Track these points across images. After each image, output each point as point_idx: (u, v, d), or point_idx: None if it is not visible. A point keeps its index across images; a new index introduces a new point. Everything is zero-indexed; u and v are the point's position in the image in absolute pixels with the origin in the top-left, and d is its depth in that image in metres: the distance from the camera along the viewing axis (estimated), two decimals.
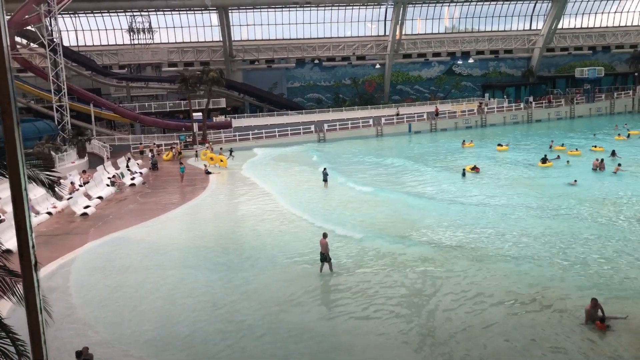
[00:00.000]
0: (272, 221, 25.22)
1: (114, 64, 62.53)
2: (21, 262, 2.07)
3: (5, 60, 1.95)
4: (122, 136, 54.36)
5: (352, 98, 70.32)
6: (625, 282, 16.68)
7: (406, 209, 26.44)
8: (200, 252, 21.21)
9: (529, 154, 40.76)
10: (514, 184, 31.59)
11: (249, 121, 58.44)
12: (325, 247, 18.09)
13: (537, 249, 19.88)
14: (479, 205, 26.60)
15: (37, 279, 2.09)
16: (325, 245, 18.10)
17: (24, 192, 1.91)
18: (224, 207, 29.10)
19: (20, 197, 2.00)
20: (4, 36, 1.94)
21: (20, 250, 2.08)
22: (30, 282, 2.09)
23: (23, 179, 1.94)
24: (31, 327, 2.14)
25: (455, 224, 23.41)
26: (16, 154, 1.99)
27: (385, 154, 45.04)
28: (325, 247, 18.08)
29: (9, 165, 1.97)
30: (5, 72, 1.97)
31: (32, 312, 2.11)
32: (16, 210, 2.04)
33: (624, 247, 19.79)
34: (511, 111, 62.65)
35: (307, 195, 30.59)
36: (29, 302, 2.10)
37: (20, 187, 1.91)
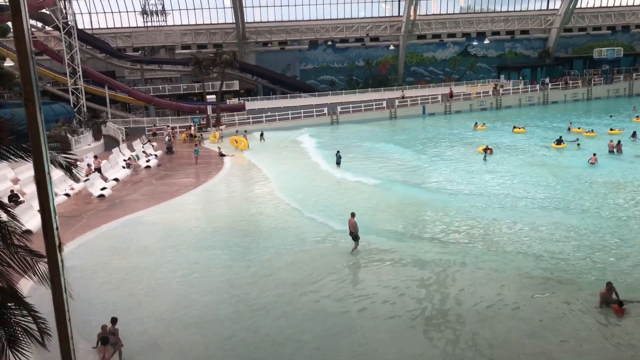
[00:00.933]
0: (286, 203, 25.41)
1: (128, 47, 62.67)
2: (46, 243, 2.15)
3: (27, 48, 2.01)
4: (137, 118, 54.72)
5: (365, 80, 69.80)
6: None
7: (419, 195, 26.39)
8: (216, 233, 21.44)
9: (546, 135, 40.21)
10: (528, 165, 31.36)
11: (262, 104, 58.42)
12: (354, 226, 18.43)
13: (551, 233, 19.79)
14: (495, 188, 26.48)
15: (61, 259, 2.18)
16: (354, 224, 18.42)
17: (48, 175, 1.98)
18: (238, 189, 29.29)
19: (43, 180, 2.07)
20: (25, 25, 1.99)
21: (44, 231, 2.15)
22: (54, 262, 2.18)
23: (46, 162, 2.00)
24: (56, 305, 2.23)
25: (469, 209, 23.34)
26: (39, 138, 2.06)
27: (398, 138, 44.83)
28: (354, 226, 18.43)
29: (32, 149, 2.04)
30: (27, 59, 2.03)
31: (57, 291, 2.20)
32: (40, 193, 2.11)
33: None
34: (527, 93, 61.88)
35: (319, 181, 30.68)
36: (53, 281, 2.19)
37: (43, 170, 1.97)
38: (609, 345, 12.34)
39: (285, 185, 28.92)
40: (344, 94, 63.21)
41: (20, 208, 21.41)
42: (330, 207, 24.31)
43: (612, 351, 12.12)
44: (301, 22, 66.63)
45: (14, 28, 2.06)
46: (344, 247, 19.07)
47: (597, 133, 39.45)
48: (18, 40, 2.05)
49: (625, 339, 12.57)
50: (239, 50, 62.68)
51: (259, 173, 32.97)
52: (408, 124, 51.81)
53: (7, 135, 7.95)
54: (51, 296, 2.37)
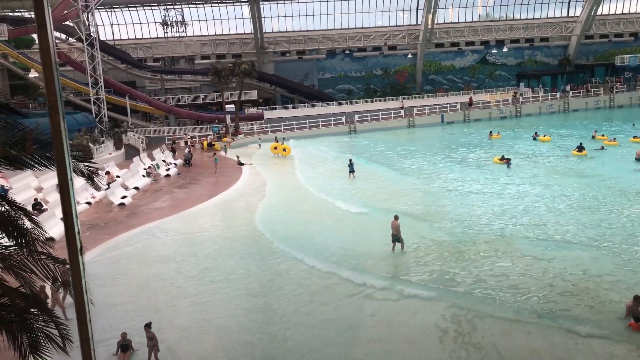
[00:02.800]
0: (303, 212, 25.47)
1: (148, 57, 63.71)
2: (68, 247, 2.22)
3: (51, 59, 2.10)
4: (157, 128, 55.43)
5: (383, 88, 69.79)
6: None
7: (443, 200, 26.25)
8: (234, 242, 21.56)
9: (571, 143, 39.49)
10: (551, 173, 30.99)
11: (281, 113, 58.75)
12: (397, 228, 18.86)
13: (578, 240, 19.50)
14: (518, 196, 26.22)
15: (83, 262, 2.25)
16: (397, 226, 18.85)
17: (70, 181, 2.05)
18: (255, 198, 29.42)
19: (66, 186, 2.15)
20: (50, 37, 2.08)
21: (67, 235, 2.23)
22: (76, 265, 2.25)
23: (69, 168, 2.08)
24: (78, 307, 2.30)
25: (494, 215, 23.14)
26: (62, 146, 2.14)
27: (415, 147, 44.67)
28: (397, 229, 18.85)
29: (56, 156, 2.12)
30: (52, 70, 2.11)
31: (79, 293, 2.27)
32: (63, 198, 2.19)
33: None
34: (547, 101, 61.20)
35: (339, 184, 30.71)
36: (75, 283, 2.26)
37: (66, 177, 2.05)
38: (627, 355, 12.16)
39: (302, 193, 29.03)
40: (362, 102, 63.27)
41: (43, 216, 21.83)
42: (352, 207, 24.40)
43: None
44: (319, 31, 67.04)
45: (40, 40, 2.15)
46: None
47: (620, 142, 38.81)
48: (43, 52, 2.14)
49: None
50: (258, 60, 63.25)
51: (273, 181, 33.13)
52: (426, 133, 51.60)
53: (32, 144, 8.15)
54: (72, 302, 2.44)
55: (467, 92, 66.57)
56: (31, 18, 52.79)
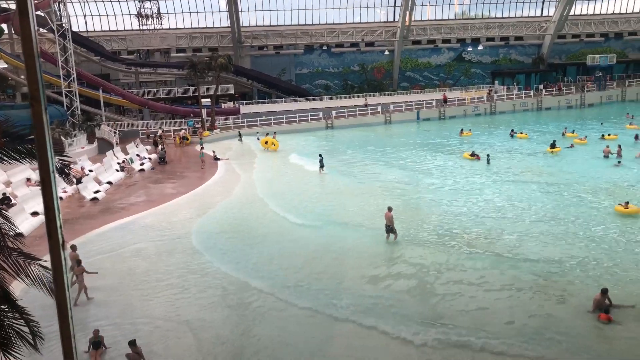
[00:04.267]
0: (279, 205, 25.45)
1: (123, 50, 62.62)
2: (50, 241, 2.16)
3: (33, 47, 2.04)
4: (131, 121, 54.59)
5: (360, 85, 70.01)
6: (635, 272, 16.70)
7: (420, 199, 26.48)
8: (210, 237, 21.40)
9: (545, 140, 40.20)
10: (524, 170, 31.59)
11: (258, 107, 58.48)
12: (390, 219, 19.35)
13: (544, 237, 19.90)
14: (489, 192, 26.61)
15: (65, 258, 2.19)
16: (390, 217, 19.35)
17: (52, 173, 1.99)
18: (231, 192, 29.24)
19: (48, 178, 2.09)
20: (32, 25, 2.02)
21: (48, 229, 2.17)
22: (58, 260, 2.19)
23: (51, 161, 2.02)
24: (59, 303, 2.24)
25: (464, 212, 23.44)
26: (44, 137, 2.08)
27: (389, 143, 44.98)
28: (391, 220, 19.35)
29: (37, 148, 2.05)
30: (34, 59, 2.05)
31: (60, 290, 2.21)
32: (45, 191, 2.13)
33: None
34: (521, 99, 62.24)
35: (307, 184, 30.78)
36: (56, 279, 2.21)
37: (48, 169, 1.99)
38: (598, 346, 12.52)
39: (271, 190, 28.99)
40: (339, 98, 63.34)
41: (12, 211, 21.29)
42: (319, 211, 24.42)
43: (601, 351, 12.27)
44: (297, 26, 66.80)
45: (22, 27, 2.08)
46: (339, 246, 19.14)
47: (589, 140, 39.81)
48: (25, 40, 2.07)
49: (614, 342, 12.75)
50: (235, 54, 62.72)
51: (250, 176, 32.99)
52: (402, 129, 51.97)
53: (1, 137, 7.93)
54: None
55: (443, 90, 67.25)
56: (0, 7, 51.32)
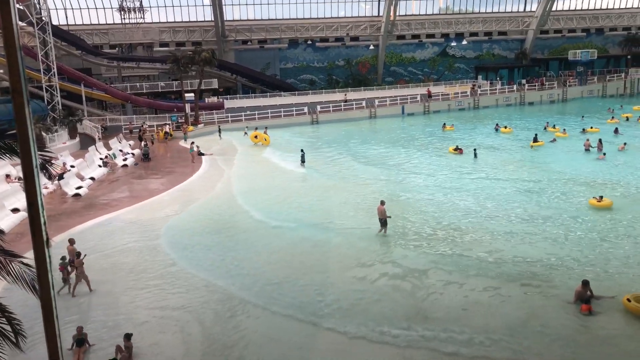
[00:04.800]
0: (264, 201, 25.38)
1: (105, 44, 61.74)
2: (33, 238, 2.10)
3: (14, 38, 1.97)
4: (114, 116, 53.95)
5: (345, 79, 69.99)
6: (616, 263, 16.95)
7: (404, 194, 26.57)
8: (194, 233, 21.25)
9: (529, 134, 40.59)
10: (508, 164, 31.94)
11: (242, 102, 58.13)
12: (383, 212, 19.59)
13: (525, 229, 20.11)
14: (473, 187, 26.81)
15: (49, 255, 2.13)
16: (383, 211, 19.59)
17: (36, 168, 1.93)
18: (217, 188, 29.08)
19: (31, 173, 2.02)
20: (13, 16, 1.95)
21: (32, 226, 2.11)
22: (42, 258, 2.13)
23: (34, 156, 1.96)
24: (43, 302, 2.18)
25: (448, 206, 23.59)
26: (27, 131, 2.01)
27: (374, 137, 45.07)
28: (383, 213, 19.58)
29: (20, 142, 1.99)
30: (15, 50, 1.98)
31: (44, 288, 2.15)
32: (28, 187, 2.07)
33: (620, 228, 20.09)
34: (504, 93, 62.74)
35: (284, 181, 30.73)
36: (41, 278, 2.14)
37: (31, 164, 1.93)
38: (580, 337, 12.73)
39: (251, 186, 28.91)
40: (324, 93, 63.23)
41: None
42: (297, 208, 24.43)
43: (584, 342, 12.48)
44: (281, 20, 66.47)
45: (2, 17, 2.01)
46: (320, 241, 19.15)
47: (570, 133, 40.43)
48: (6, 30, 2.00)
49: (595, 331, 13.00)
50: (218, 48, 62.26)
51: (235, 172, 32.86)
52: (387, 124, 52.08)
53: None
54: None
55: (427, 84, 67.51)
56: None
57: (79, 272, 16.07)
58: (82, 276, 16.11)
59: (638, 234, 19.46)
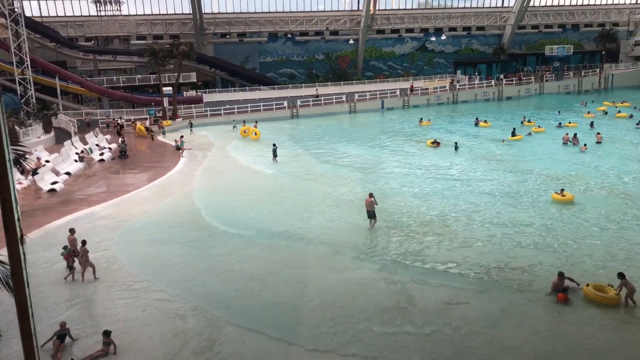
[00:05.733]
0: (245, 195, 25.25)
1: (80, 36, 60.53)
2: (6, 235, 2.03)
3: None
4: (90, 110, 53.03)
5: (325, 74, 69.88)
6: (587, 254, 17.30)
7: (383, 187, 26.69)
8: (173, 228, 21.03)
9: (508, 128, 41.08)
10: (485, 157, 32.31)
11: (221, 96, 57.65)
12: (371, 205, 19.74)
13: (502, 223, 20.37)
14: (451, 179, 27.07)
15: (24, 252, 2.07)
16: (371, 203, 19.75)
17: (9, 163, 1.87)
18: (196, 182, 28.81)
19: (4, 169, 1.96)
20: None
21: (5, 222, 2.04)
22: (16, 255, 2.07)
23: (7, 150, 1.89)
24: (18, 301, 2.12)
25: (424, 199, 23.77)
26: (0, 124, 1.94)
27: (353, 132, 45.17)
28: (371, 205, 19.73)
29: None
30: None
31: (19, 286, 2.09)
32: (1, 183, 2.00)
33: (596, 220, 20.49)
34: (482, 88, 63.33)
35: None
36: (15, 276, 2.08)
37: (4, 159, 1.86)
38: (559, 327, 12.98)
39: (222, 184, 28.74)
40: (304, 87, 63.05)
41: None
42: (268, 209, 24.37)
43: (562, 332, 12.71)
44: (260, 13, 66.04)
45: None
46: (300, 243, 19.13)
47: (546, 128, 41.10)
48: None
49: (571, 321, 13.26)
50: (197, 41, 61.58)
51: (215, 166, 32.60)
52: (367, 118, 52.21)
53: None
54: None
55: (407, 79, 67.79)
56: None
57: (85, 259, 16.38)
58: (88, 264, 16.41)
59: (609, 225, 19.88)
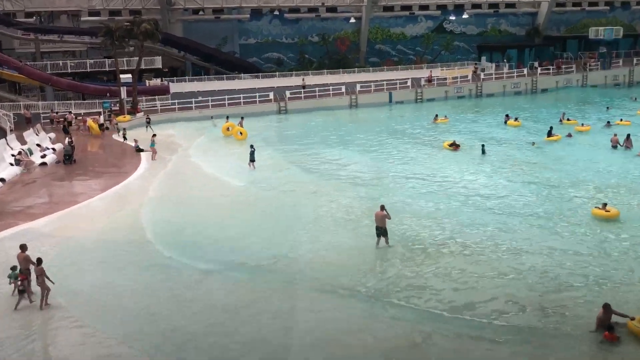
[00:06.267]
0: (218, 207, 25.25)
1: (19, 11, 60.61)
2: None
3: None
4: (30, 103, 52.82)
5: (320, 59, 70.07)
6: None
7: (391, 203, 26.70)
8: (130, 248, 20.91)
9: (543, 127, 41.14)
10: (515, 164, 32.34)
11: (192, 86, 57.74)
12: (382, 219, 19.73)
13: (543, 247, 20.29)
14: (473, 192, 27.07)
15: None
16: (382, 217, 19.73)
17: None
18: (158, 191, 28.72)
19: None
20: None
21: None
22: None
23: None
24: None
25: (440, 217, 23.72)
26: None
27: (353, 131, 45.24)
28: (382, 220, 19.73)
29: None
30: None
31: None
32: None
33: None
34: (512, 79, 63.63)
35: None
36: None
37: None
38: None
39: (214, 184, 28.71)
40: (294, 76, 63.05)
41: None
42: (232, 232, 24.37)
43: None
44: None
45: None
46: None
47: (593, 127, 41.17)
48: None
49: None
50: (163, 18, 61.74)
51: (179, 173, 32.65)
52: (370, 114, 52.26)
53: None
54: None
55: (420, 66, 68.05)
56: None
57: (41, 281, 16.24)
58: (45, 286, 16.33)
59: None
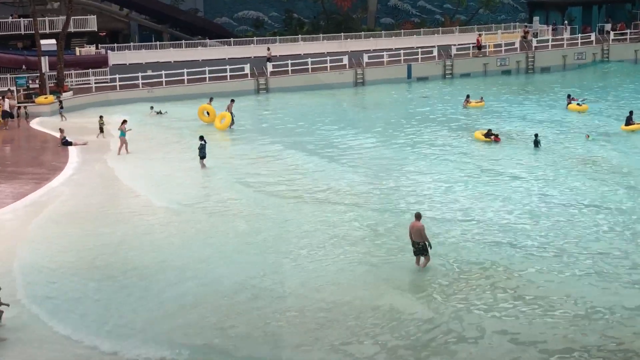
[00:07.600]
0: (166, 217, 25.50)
1: None
2: None
3: None
4: None
5: (314, 20, 70.22)
6: None
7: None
8: (57, 276, 20.89)
9: (610, 114, 41.45)
10: (578, 161, 32.73)
11: (139, 56, 57.88)
12: (420, 233, 20.02)
13: (608, 269, 20.39)
14: (520, 198, 27.24)
15: None
16: (420, 230, 20.03)
17: None
18: (93, 199, 28.81)
19: None
20: None
21: None
22: None
23: None
24: None
25: (480, 232, 23.86)
26: None
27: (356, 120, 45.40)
28: (420, 234, 20.02)
29: None
30: None
31: None
32: None
33: None
34: (576, 47, 63.73)
35: None
36: None
37: None
38: None
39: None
40: (279, 43, 63.00)
41: None
42: None
43: None
44: None
45: None
46: None
47: None
48: None
49: None
50: None
51: (121, 174, 32.82)
52: (381, 94, 52.32)
53: None
54: None
55: (450, 30, 68.08)
56: None
57: None
58: None
59: None
